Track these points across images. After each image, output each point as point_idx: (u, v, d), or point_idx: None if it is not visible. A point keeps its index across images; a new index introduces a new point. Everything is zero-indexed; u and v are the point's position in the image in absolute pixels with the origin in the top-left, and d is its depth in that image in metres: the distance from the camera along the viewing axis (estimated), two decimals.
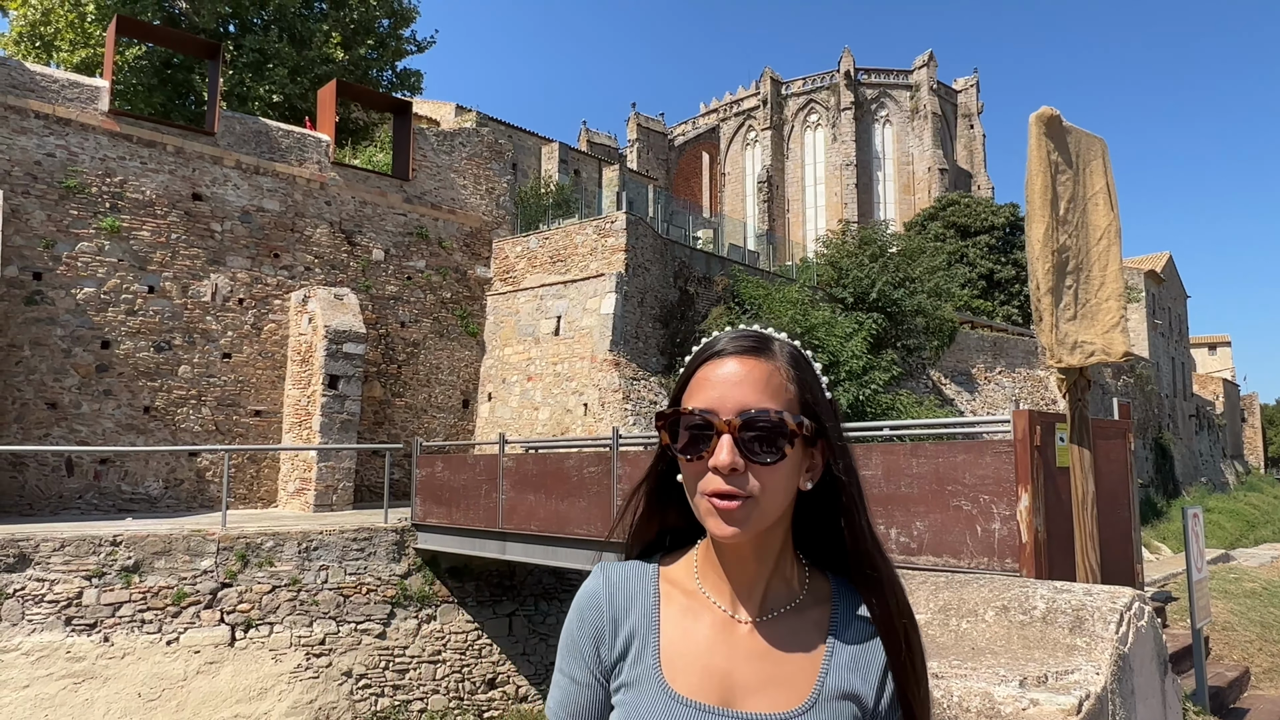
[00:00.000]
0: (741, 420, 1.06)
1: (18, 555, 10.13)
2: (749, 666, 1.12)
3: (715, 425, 1.07)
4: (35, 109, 13.77)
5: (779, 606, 1.16)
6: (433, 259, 18.03)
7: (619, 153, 52.62)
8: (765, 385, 1.09)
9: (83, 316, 13.95)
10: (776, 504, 1.09)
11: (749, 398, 1.08)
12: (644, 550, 1.26)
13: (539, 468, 10.40)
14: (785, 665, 1.13)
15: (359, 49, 23.60)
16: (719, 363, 1.12)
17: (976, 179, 58.85)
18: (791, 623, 1.15)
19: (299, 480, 15.01)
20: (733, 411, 1.07)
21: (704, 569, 1.18)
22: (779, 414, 1.08)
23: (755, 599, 1.15)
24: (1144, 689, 2.36)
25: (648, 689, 1.12)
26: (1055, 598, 2.41)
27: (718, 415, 1.07)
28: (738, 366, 1.10)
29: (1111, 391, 32.01)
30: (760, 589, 1.15)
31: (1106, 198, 4.07)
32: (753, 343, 1.13)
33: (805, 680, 1.12)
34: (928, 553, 6.25)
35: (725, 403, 1.08)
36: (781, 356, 1.13)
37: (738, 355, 1.12)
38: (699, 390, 1.11)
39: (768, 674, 1.12)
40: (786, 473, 1.09)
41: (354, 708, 11.16)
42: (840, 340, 17.86)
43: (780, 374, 1.11)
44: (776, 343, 1.14)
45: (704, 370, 1.13)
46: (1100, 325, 3.98)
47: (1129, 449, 6.97)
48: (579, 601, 1.21)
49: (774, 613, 1.15)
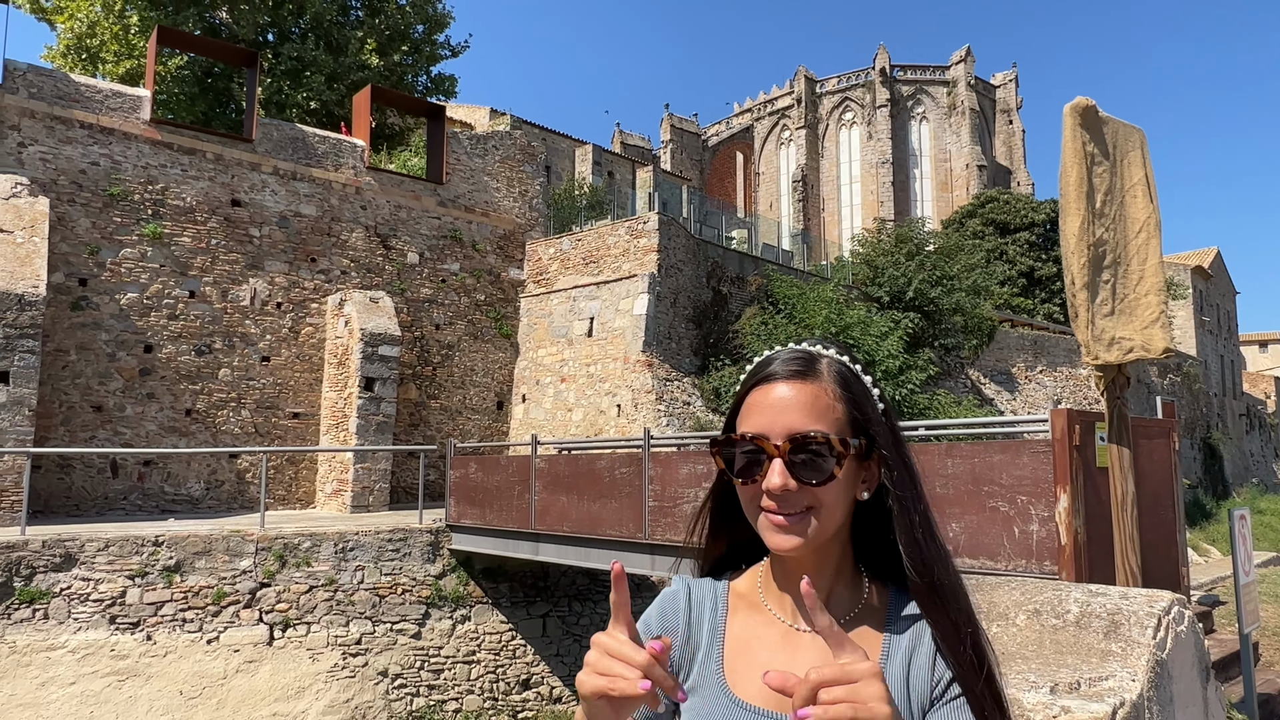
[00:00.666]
0: (790, 444, 1.11)
1: (64, 555, 10.36)
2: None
3: (766, 449, 1.12)
4: (80, 119, 14.10)
5: (838, 617, 1.17)
6: (466, 261, 18.14)
7: (652, 154, 52.62)
8: (812, 408, 1.14)
9: (126, 321, 14.25)
10: (832, 519, 1.14)
11: (796, 421, 1.13)
12: (715, 567, 1.32)
13: (571, 469, 10.40)
14: None
15: (394, 55, 23.85)
16: (769, 388, 1.17)
17: (1016, 175, 57.90)
18: (850, 631, 1.17)
19: (336, 481, 15.19)
20: (781, 435, 1.12)
21: (767, 584, 1.24)
22: (825, 435, 1.11)
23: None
24: (1184, 696, 2.27)
25: (710, 692, 1.18)
26: (1090, 601, 2.33)
27: (768, 439, 1.13)
28: (787, 390, 1.15)
29: (1157, 390, 31.29)
30: (820, 597, 1.14)
31: (1145, 189, 3.95)
32: (800, 365, 1.17)
33: None
34: (964, 555, 6.13)
35: (774, 427, 1.13)
36: (829, 377, 1.17)
37: (786, 380, 1.16)
38: (750, 415, 1.17)
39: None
40: (839, 490, 1.14)
41: (389, 707, 11.25)
42: (876, 339, 17.65)
43: (827, 394, 1.15)
44: (824, 361, 1.18)
45: (754, 395, 1.18)
46: (1139, 320, 3.86)
47: (1173, 449, 6.78)
48: (663, 598, 1.29)
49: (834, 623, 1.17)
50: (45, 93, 13.87)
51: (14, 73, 13.67)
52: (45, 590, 10.16)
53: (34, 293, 12.32)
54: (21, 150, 13.60)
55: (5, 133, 13.51)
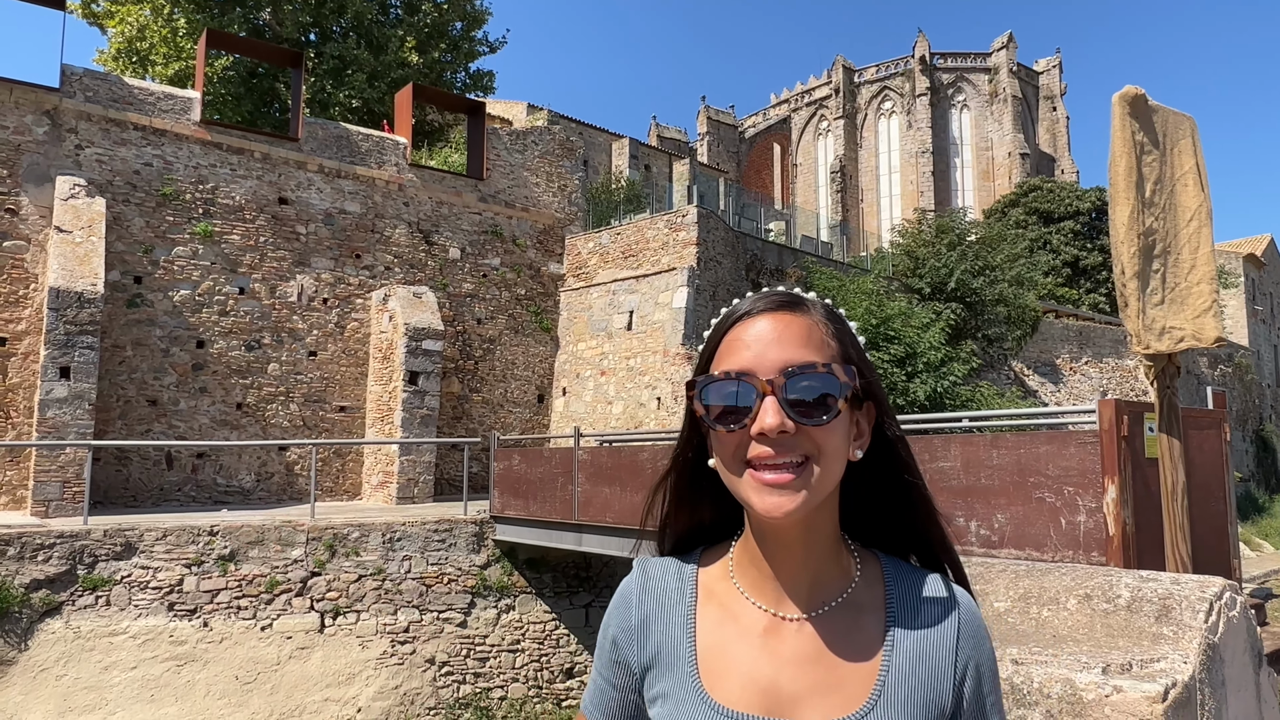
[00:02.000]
0: (786, 378, 0.93)
1: (124, 544, 10.72)
2: (798, 671, 0.98)
3: (756, 387, 0.93)
4: (134, 121, 14.50)
5: (830, 599, 1.01)
6: (507, 256, 18.34)
7: (689, 147, 52.52)
8: (807, 339, 0.96)
9: (179, 318, 14.64)
10: (832, 473, 0.95)
11: (790, 354, 0.94)
12: (681, 541, 1.13)
13: (613, 460, 10.51)
14: (839, 666, 0.98)
15: (433, 52, 24.15)
16: (751, 322, 0.98)
17: (1060, 163, 56.87)
18: (845, 616, 1.01)
19: (382, 474, 15.49)
20: (774, 370, 0.93)
21: (741, 566, 1.05)
22: (827, 365, 0.94)
23: (803, 592, 1.01)
24: (1236, 681, 2.30)
25: (686, 701, 1.00)
26: (1140, 586, 2.36)
27: (756, 375, 0.93)
28: (772, 323, 0.97)
29: (1207, 381, 30.62)
30: (807, 581, 1.01)
31: (1196, 178, 3.93)
32: (786, 299, 1.00)
33: (864, 680, 0.98)
34: (1009, 546, 6.12)
35: (763, 362, 0.94)
36: (819, 312, 1.00)
37: (769, 313, 0.98)
38: (730, 354, 0.97)
39: (819, 678, 0.98)
40: (841, 435, 0.95)
41: (437, 694, 11.49)
42: (917, 331, 17.52)
43: (820, 329, 0.98)
44: (810, 297, 1.02)
45: (734, 332, 0.99)
46: (1191, 310, 3.85)
47: (1224, 440, 6.70)
48: (613, 599, 1.12)
49: (825, 606, 1.01)
50: (100, 96, 14.28)
51: (71, 77, 14.10)
52: (107, 578, 10.52)
53: (92, 291, 12.72)
54: (79, 152, 14.03)
55: (64, 135, 13.94)
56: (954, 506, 6.29)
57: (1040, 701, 2.02)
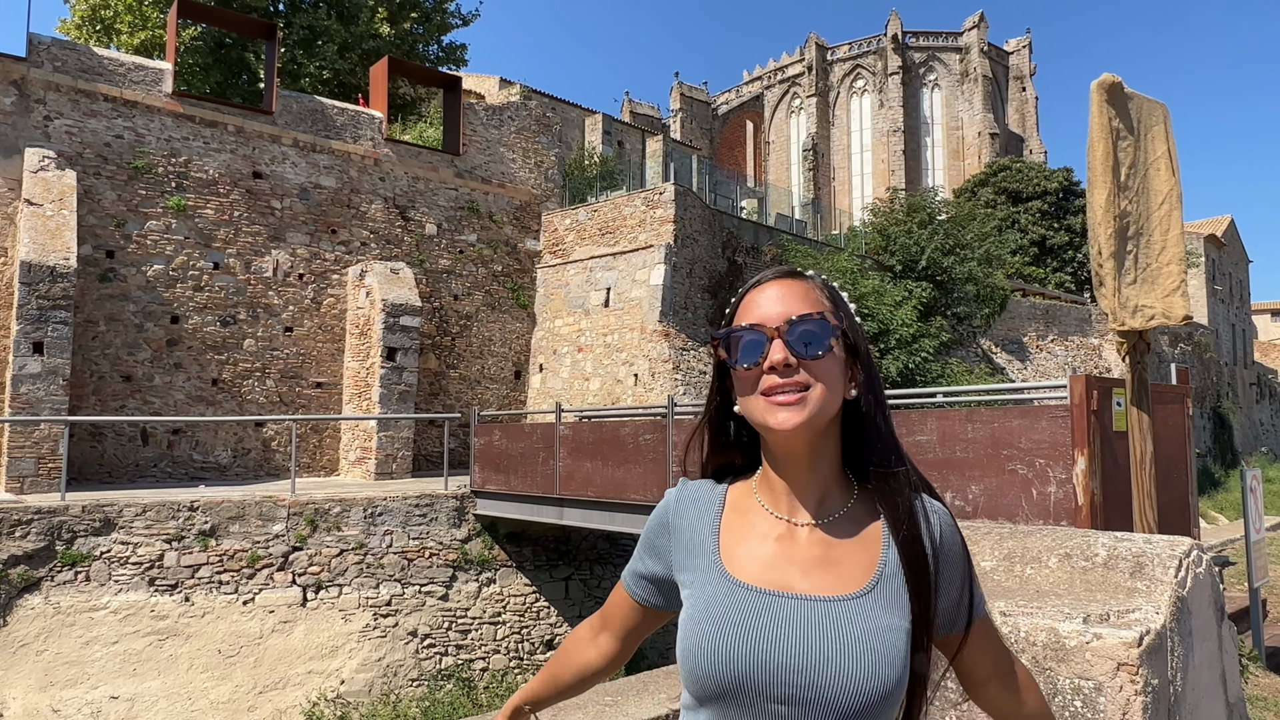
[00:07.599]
0: (788, 325, 1.20)
1: (103, 520, 10.70)
2: (808, 562, 1.23)
3: (766, 332, 1.21)
4: (104, 92, 14.25)
5: (834, 510, 1.26)
6: (484, 233, 18.32)
7: (662, 123, 52.39)
8: (805, 298, 1.24)
9: (153, 293, 14.50)
10: (830, 400, 1.21)
11: (792, 308, 1.22)
12: (717, 474, 1.40)
13: (595, 436, 10.66)
14: (844, 559, 1.23)
15: (405, 24, 23.84)
16: (762, 289, 1.27)
17: (1029, 143, 57.49)
18: (848, 522, 1.26)
19: (359, 449, 15.51)
20: (779, 320, 1.21)
21: (762, 486, 1.31)
22: (820, 313, 1.22)
23: (812, 503, 1.26)
24: (1201, 631, 2.50)
25: (710, 576, 1.25)
26: (1116, 545, 2.55)
27: (766, 325, 1.21)
28: (779, 288, 1.25)
29: (1168, 359, 31.36)
30: (816, 494, 1.26)
31: (1168, 163, 4.11)
32: (789, 270, 1.29)
33: (866, 568, 1.22)
34: (983, 516, 6.36)
35: (771, 315, 1.22)
36: (815, 282, 1.28)
37: (776, 280, 1.27)
38: (747, 312, 1.26)
39: (826, 567, 1.22)
40: (834, 369, 1.22)
41: (419, 665, 11.64)
42: (890, 309, 17.81)
43: (816, 291, 1.26)
44: (810, 272, 1.30)
45: (750, 296, 1.27)
46: (1161, 289, 4.05)
47: (1187, 414, 6.98)
48: (657, 506, 1.40)
49: (830, 516, 1.26)
50: (69, 66, 14.01)
51: (38, 46, 13.82)
52: (86, 553, 10.51)
53: (65, 265, 12.57)
54: (48, 123, 13.79)
55: (31, 106, 13.68)
56: (930, 479, 6.47)
57: (1027, 649, 2.20)
